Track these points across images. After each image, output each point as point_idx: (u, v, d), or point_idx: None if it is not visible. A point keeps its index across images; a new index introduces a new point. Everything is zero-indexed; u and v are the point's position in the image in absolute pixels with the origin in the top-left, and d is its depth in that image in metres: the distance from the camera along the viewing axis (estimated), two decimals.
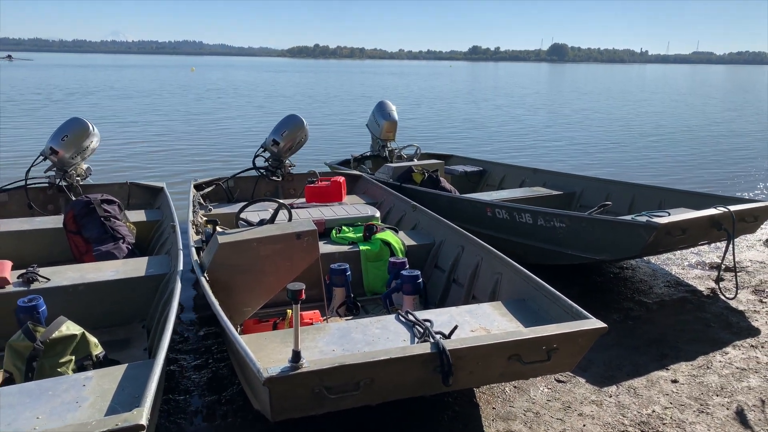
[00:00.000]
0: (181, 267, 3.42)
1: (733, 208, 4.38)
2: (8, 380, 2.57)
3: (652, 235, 4.06)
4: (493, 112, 21.55)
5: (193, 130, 14.92)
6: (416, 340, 2.78)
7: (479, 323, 2.99)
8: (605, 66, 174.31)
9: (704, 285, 4.87)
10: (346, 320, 3.45)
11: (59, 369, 2.58)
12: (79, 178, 5.36)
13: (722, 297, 4.62)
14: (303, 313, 3.29)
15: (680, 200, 5.19)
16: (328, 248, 4.27)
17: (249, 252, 3.16)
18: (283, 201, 3.75)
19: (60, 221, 4.55)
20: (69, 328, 2.69)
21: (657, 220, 4.11)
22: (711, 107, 25.26)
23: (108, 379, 2.31)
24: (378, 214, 4.99)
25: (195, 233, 4.29)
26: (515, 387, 3.30)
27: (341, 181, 5.59)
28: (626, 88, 41.43)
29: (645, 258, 5.39)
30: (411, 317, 2.94)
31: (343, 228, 4.63)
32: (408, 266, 3.93)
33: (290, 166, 6.21)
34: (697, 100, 29.50)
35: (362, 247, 4.29)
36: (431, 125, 17.31)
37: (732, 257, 4.54)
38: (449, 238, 4.26)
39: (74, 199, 4.67)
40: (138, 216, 5.00)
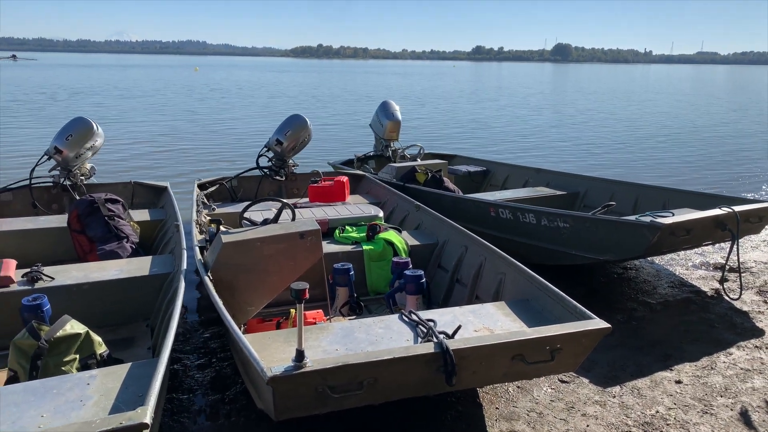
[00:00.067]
0: (185, 266, 3.43)
1: (738, 209, 4.37)
2: (13, 378, 2.58)
3: (656, 236, 4.05)
4: (497, 113, 21.53)
5: (197, 130, 14.95)
6: (419, 340, 2.78)
7: (483, 323, 2.99)
8: (609, 66, 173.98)
9: (708, 286, 4.85)
10: (350, 320, 3.46)
11: (63, 368, 2.59)
12: (83, 178, 5.38)
13: (726, 298, 4.60)
14: (306, 313, 3.29)
15: (684, 200, 5.17)
16: (332, 248, 4.27)
17: (252, 251, 3.16)
18: (287, 201, 3.76)
19: (64, 220, 4.57)
20: (73, 327, 2.70)
21: (661, 221, 4.10)
22: (715, 108, 25.20)
23: (112, 378, 2.32)
24: (381, 214, 5.00)
25: (198, 233, 4.30)
26: (518, 387, 3.30)
27: (344, 181, 5.60)
28: (630, 89, 41.36)
29: (649, 258, 5.38)
30: (414, 317, 2.94)
31: (347, 228, 4.63)
32: (411, 266, 3.93)
33: (293, 166, 6.22)
34: (702, 101, 29.43)
35: (365, 247, 4.30)
36: (434, 125, 17.30)
37: (736, 258, 4.53)
38: (452, 238, 4.26)
39: (78, 199, 4.68)
40: (142, 215, 5.01)
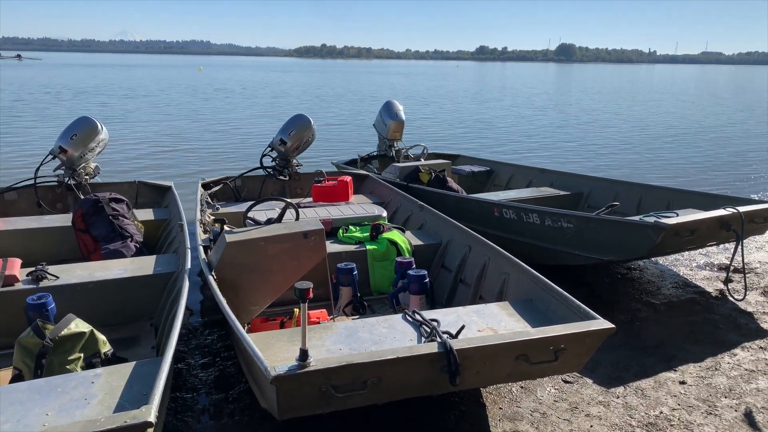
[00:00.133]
0: (189, 265, 3.43)
1: (743, 209, 4.36)
2: (18, 377, 2.59)
3: (660, 236, 4.04)
4: (501, 113, 21.51)
5: (201, 130, 14.97)
6: (423, 340, 2.78)
7: (486, 323, 2.98)
8: (613, 66, 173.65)
9: (712, 286, 4.84)
10: (353, 319, 3.46)
11: (68, 366, 2.60)
12: (88, 177, 5.40)
13: (731, 298, 4.59)
14: (310, 312, 3.29)
15: (689, 201, 5.16)
16: (335, 247, 4.27)
17: (256, 251, 3.17)
18: (290, 200, 3.76)
19: (69, 219, 4.58)
20: (78, 326, 2.71)
21: (665, 221, 4.09)
22: (721, 108, 25.11)
23: (116, 377, 2.33)
24: (385, 214, 4.99)
25: (203, 232, 4.31)
26: (522, 387, 3.30)
27: (348, 181, 5.60)
28: (635, 89, 41.26)
29: (653, 259, 5.37)
30: (418, 317, 2.94)
31: (350, 227, 4.63)
32: (415, 266, 3.93)
33: (297, 166, 6.22)
34: (707, 101, 29.33)
35: (369, 247, 4.30)
36: (438, 125, 17.29)
37: (741, 258, 4.52)
38: (456, 238, 4.25)
39: (83, 198, 4.69)
40: (146, 215, 5.02)
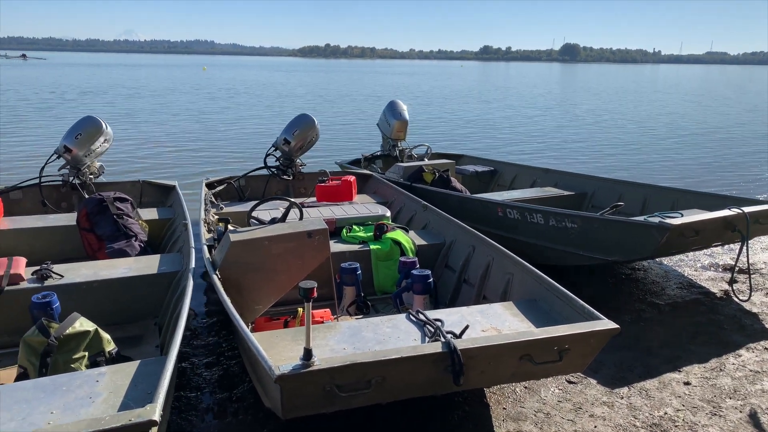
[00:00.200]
0: (193, 265, 3.44)
1: (748, 210, 4.34)
2: (23, 375, 2.60)
3: (665, 236, 4.03)
4: (505, 113, 21.49)
5: (205, 129, 15.00)
6: (427, 340, 2.77)
7: (490, 323, 2.98)
8: (618, 66, 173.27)
9: (717, 287, 4.83)
10: (357, 319, 3.46)
11: (73, 365, 2.61)
12: (92, 176, 5.41)
13: (735, 299, 4.57)
14: (314, 312, 3.29)
15: (693, 201, 5.15)
16: (339, 247, 4.27)
17: (260, 250, 3.17)
18: (294, 200, 3.77)
19: (73, 219, 4.60)
20: (82, 325, 2.72)
21: (670, 221, 4.08)
22: (726, 108, 25.02)
23: (121, 375, 2.33)
24: (388, 214, 4.99)
25: (207, 231, 4.31)
26: (526, 387, 3.29)
27: (352, 181, 5.60)
28: (639, 89, 41.15)
29: (657, 259, 5.35)
30: (422, 316, 2.94)
31: (354, 227, 4.63)
32: (418, 266, 3.93)
33: (301, 166, 6.23)
34: (713, 101, 29.24)
35: (373, 247, 4.30)
36: (442, 125, 17.29)
37: (746, 259, 4.51)
38: (460, 238, 4.25)
39: (87, 197, 4.71)
40: (150, 214, 5.03)
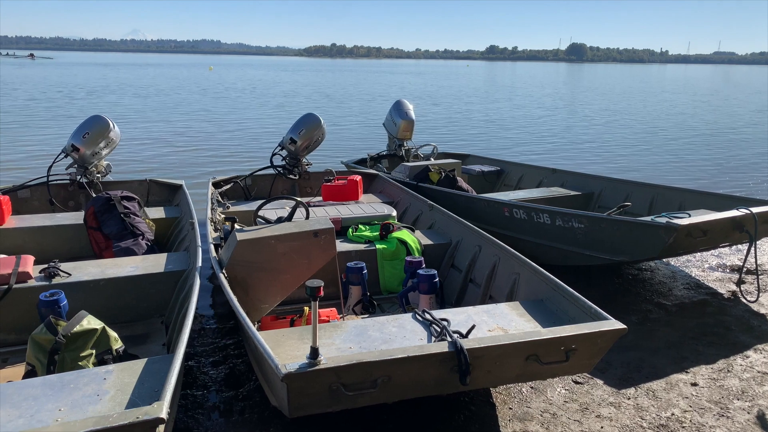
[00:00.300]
0: (200, 264, 3.44)
1: (756, 210, 4.32)
2: (31, 373, 2.61)
3: (672, 237, 4.01)
4: (511, 113, 21.44)
5: (212, 129, 15.04)
6: (433, 339, 2.77)
7: (497, 323, 2.98)
8: (624, 66, 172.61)
9: (725, 288, 4.80)
10: (363, 318, 3.46)
11: (80, 362, 2.62)
12: (100, 175, 5.44)
13: (743, 300, 4.55)
14: (320, 311, 3.29)
15: (701, 202, 5.12)
16: (345, 246, 4.28)
17: (267, 249, 3.18)
18: (300, 199, 3.77)
19: (81, 217, 4.62)
20: (90, 323, 2.73)
21: (677, 222, 4.06)
22: (735, 108, 24.88)
23: (128, 373, 2.34)
24: (394, 213, 4.99)
25: (213, 230, 4.33)
26: (532, 387, 3.28)
27: (358, 180, 5.60)
28: (647, 88, 40.96)
29: (664, 260, 5.33)
30: (428, 316, 2.94)
31: (360, 226, 4.63)
32: (424, 265, 3.93)
33: (307, 165, 6.23)
34: (721, 101, 29.08)
35: (379, 246, 4.30)
36: (448, 124, 17.27)
37: (754, 260, 4.48)
38: (466, 238, 4.24)
39: (95, 196, 4.73)
40: (157, 213, 5.05)
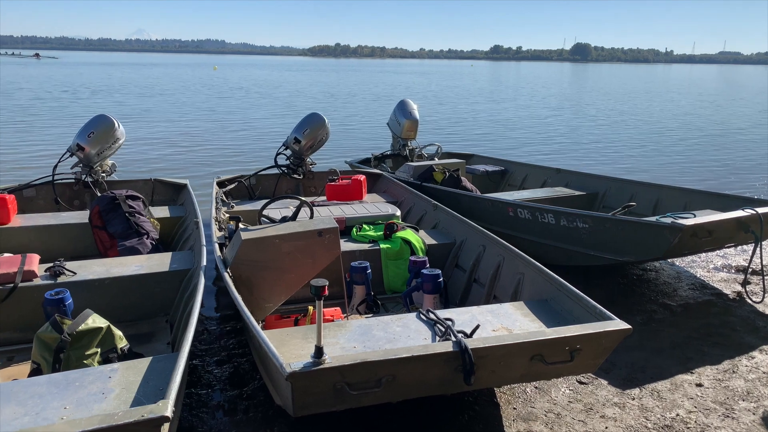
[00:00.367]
0: (204, 263, 3.45)
1: (761, 210, 4.30)
2: (36, 371, 2.62)
3: (677, 237, 4.00)
4: (516, 113, 21.41)
5: (216, 128, 15.06)
6: (438, 339, 2.77)
7: (501, 323, 2.97)
8: (629, 66, 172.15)
9: (730, 288, 4.78)
10: (367, 318, 3.46)
11: (85, 361, 2.63)
12: (105, 175, 5.45)
13: (749, 301, 4.53)
14: (324, 310, 3.29)
15: (706, 202, 5.11)
16: (349, 246, 4.28)
17: (271, 248, 3.18)
18: (305, 199, 3.77)
19: (85, 216, 4.63)
20: (95, 321, 2.74)
21: (682, 222, 4.05)
22: (742, 109, 24.77)
23: (133, 372, 2.35)
24: (398, 213, 4.99)
25: (218, 229, 4.33)
26: (536, 388, 3.28)
27: (362, 180, 5.60)
28: (653, 88, 40.84)
29: (669, 260, 5.31)
30: (432, 316, 2.94)
31: (364, 226, 4.63)
32: (428, 265, 3.92)
33: (311, 165, 6.24)
34: (726, 101, 28.97)
35: (383, 246, 4.30)
36: (452, 124, 17.25)
37: (759, 260, 4.46)
38: (470, 238, 4.24)
39: (100, 195, 4.74)
40: (162, 212, 5.06)
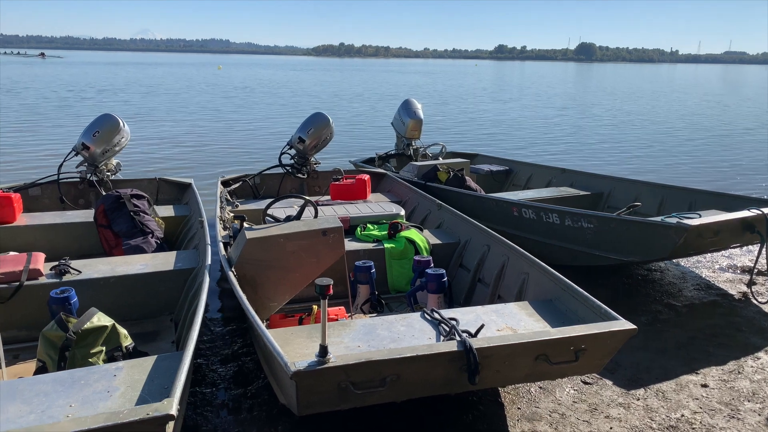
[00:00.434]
0: (209, 262, 3.45)
1: (767, 211, 4.28)
2: (41, 369, 2.63)
3: (683, 237, 3.99)
4: (520, 112, 21.38)
5: (221, 128, 15.09)
6: (442, 339, 2.77)
7: (506, 323, 2.97)
8: (634, 65, 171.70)
9: (735, 289, 4.76)
10: (371, 317, 3.46)
11: (90, 359, 2.64)
12: (110, 174, 5.47)
13: (754, 301, 4.51)
14: (328, 309, 3.30)
15: (711, 202, 5.09)
16: (353, 245, 4.28)
17: (276, 248, 3.18)
18: (309, 198, 3.77)
19: (91, 215, 4.65)
20: (100, 320, 2.74)
21: (688, 222, 4.04)
22: (749, 109, 24.68)
23: (138, 370, 2.35)
24: (403, 213, 4.99)
25: (222, 228, 4.34)
26: (541, 388, 3.27)
27: (366, 179, 5.61)
28: (658, 88, 40.71)
29: (674, 260, 5.30)
30: (436, 315, 2.93)
31: (368, 225, 4.63)
32: (433, 265, 3.92)
33: (315, 164, 6.24)
34: (734, 101, 28.86)
35: (387, 245, 4.30)
36: (457, 124, 17.24)
37: (765, 261, 4.44)
38: (475, 238, 4.24)
39: (105, 194, 4.75)
40: (166, 211, 5.07)
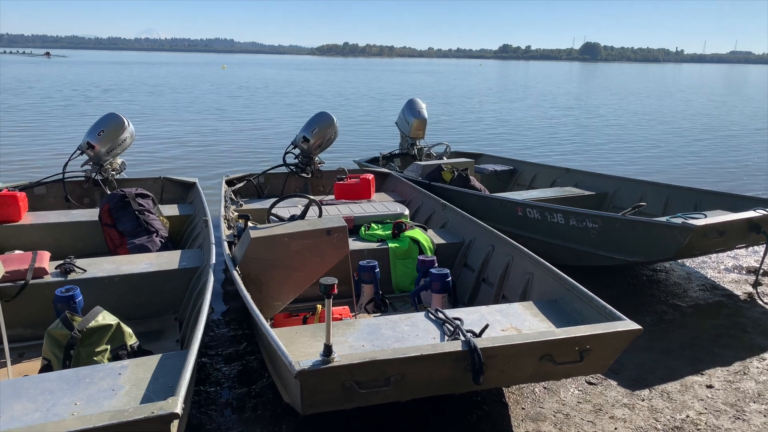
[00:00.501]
0: (213, 261, 3.46)
1: None
2: (47, 367, 2.64)
3: (688, 237, 3.97)
4: (525, 112, 21.34)
5: (225, 127, 15.11)
6: (446, 338, 2.77)
7: (510, 323, 2.96)
8: (639, 65, 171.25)
9: (741, 289, 4.75)
10: (375, 317, 3.46)
11: (95, 357, 2.65)
12: (114, 173, 5.48)
13: (760, 302, 4.50)
14: (333, 309, 3.30)
15: (717, 202, 5.07)
16: (357, 245, 4.28)
17: (280, 247, 3.19)
18: (313, 197, 3.78)
19: (95, 214, 4.66)
20: (105, 318, 2.75)
21: (693, 222, 4.02)
22: (755, 109, 24.59)
23: (143, 369, 2.36)
24: (407, 212, 4.99)
25: (227, 228, 4.34)
26: (545, 388, 3.27)
27: (370, 179, 5.60)
28: (664, 88, 40.59)
29: (679, 261, 5.28)
30: (441, 315, 2.93)
31: (372, 225, 4.63)
32: (437, 264, 3.92)
33: (320, 163, 6.25)
34: (740, 101, 28.75)
35: (391, 245, 4.29)
36: (461, 123, 17.22)
37: None
38: (479, 237, 4.23)
39: (110, 193, 4.77)
40: (171, 210, 5.08)
